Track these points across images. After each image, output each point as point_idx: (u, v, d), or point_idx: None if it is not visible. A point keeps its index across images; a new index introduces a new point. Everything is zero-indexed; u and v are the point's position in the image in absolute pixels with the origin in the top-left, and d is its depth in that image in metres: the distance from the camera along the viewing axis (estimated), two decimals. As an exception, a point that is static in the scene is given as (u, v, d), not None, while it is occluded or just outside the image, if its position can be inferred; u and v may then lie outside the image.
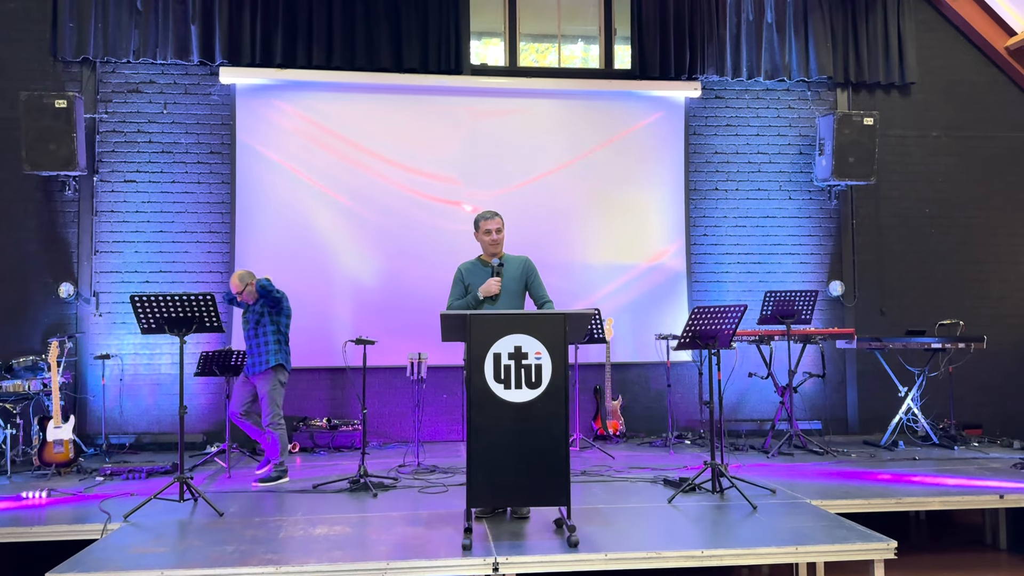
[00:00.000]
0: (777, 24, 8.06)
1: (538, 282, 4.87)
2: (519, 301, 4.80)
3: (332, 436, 7.21)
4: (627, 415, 7.64)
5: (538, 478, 4.04)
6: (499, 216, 4.87)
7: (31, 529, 4.48)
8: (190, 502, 4.96)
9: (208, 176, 7.53)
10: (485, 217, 4.84)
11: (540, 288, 4.86)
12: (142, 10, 7.33)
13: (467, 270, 4.88)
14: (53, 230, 7.33)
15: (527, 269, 4.84)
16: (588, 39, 8.36)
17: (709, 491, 5.12)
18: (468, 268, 4.89)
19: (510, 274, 4.79)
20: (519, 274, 4.81)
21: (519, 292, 4.81)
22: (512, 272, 4.80)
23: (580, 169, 7.87)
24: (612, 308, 7.64)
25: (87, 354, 7.25)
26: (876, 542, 4.06)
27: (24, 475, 5.94)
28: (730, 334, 5.20)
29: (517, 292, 4.79)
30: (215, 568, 3.73)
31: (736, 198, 8.14)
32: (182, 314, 4.96)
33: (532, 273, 4.86)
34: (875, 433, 7.57)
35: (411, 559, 3.85)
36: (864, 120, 7.77)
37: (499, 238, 4.83)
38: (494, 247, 4.83)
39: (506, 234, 4.92)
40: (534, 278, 4.86)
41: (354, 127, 7.63)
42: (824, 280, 8.14)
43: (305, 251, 7.51)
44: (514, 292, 4.77)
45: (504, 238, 4.87)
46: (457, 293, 4.84)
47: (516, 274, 4.80)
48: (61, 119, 6.89)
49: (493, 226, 4.82)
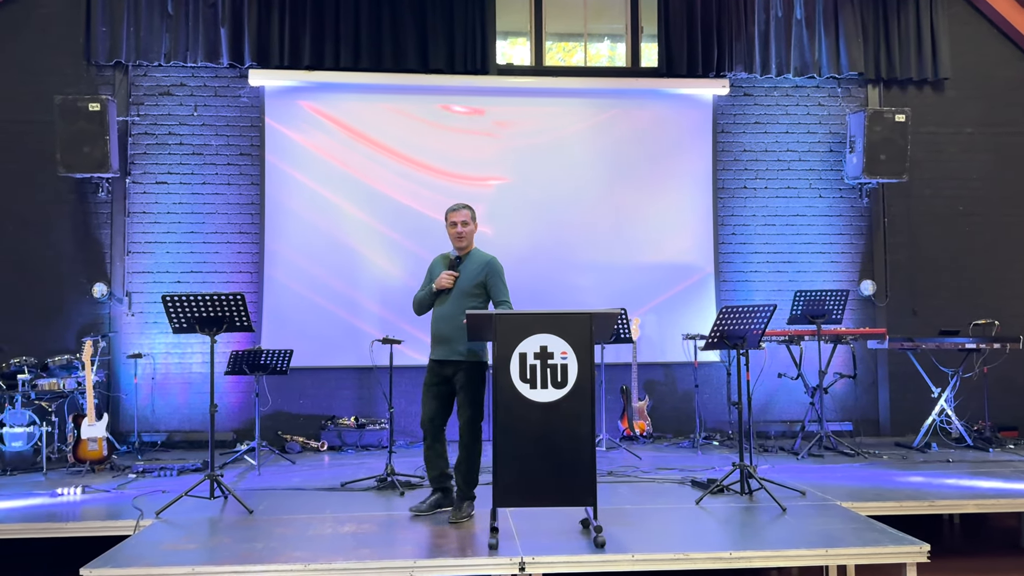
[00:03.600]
0: (807, 20, 7.96)
1: (498, 285, 4.63)
2: (471, 302, 4.55)
3: (360, 435, 7.25)
4: (654, 416, 7.60)
5: (564, 478, 4.03)
6: (467, 208, 4.72)
7: (66, 525, 4.56)
8: (220, 499, 5.02)
9: (238, 177, 7.62)
10: (452, 209, 4.72)
11: (498, 291, 4.62)
12: (173, 14, 7.44)
13: (435, 264, 4.82)
14: (87, 231, 7.46)
15: (489, 269, 4.63)
16: (615, 37, 8.33)
17: (737, 492, 5.08)
18: (436, 262, 4.83)
19: (466, 272, 4.62)
20: (476, 273, 4.61)
21: (472, 292, 4.58)
22: (469, 270, 4.62)
23: (607, 168, 7.84)
24: (639, 307, 7.60)
25: (120, 353, 7.37)
26: (908, 545, 4.00)
27: (59, 472, 6.05)
28: (759, 334, 5.16)
29: (468, 291, 4.58)
30: (245, 565, 3.78)
31: (765, 196, 8.06)
32: (213, 314, 5.01)
33: (493, 275, 4.63)
34: (907, 435, 7.45)
35: (438, 558, 3.86)
36: (896, 117, 7.65)
37: (464, 231, 4.66)
38: (459, 240, 4.68)
39: (529, 233, 4.90)
40: (494, 280, 4.62)
41: (381, 128, 7.67)
42: (855, 279, 8.03)
43: (333, 250, 7.56)
44: (466, 291, 4.58)
45: (472, 233, 4.71)
46: (424, 283, 4.82)
47: (473, 273, 4.61)
48: (95, 122, 7.00)
49: (458, 218, 4.67)
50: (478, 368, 4.60)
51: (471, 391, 4.58)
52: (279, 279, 7.52)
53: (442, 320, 4.61)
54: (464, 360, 4.55)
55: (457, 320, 4.47)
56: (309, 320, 7.47)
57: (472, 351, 4.56)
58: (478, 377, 4.60)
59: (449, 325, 4.55)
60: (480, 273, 4.62)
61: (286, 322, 7.46)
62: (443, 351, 4.60)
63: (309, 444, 7.13)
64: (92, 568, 3.70)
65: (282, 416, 7.47)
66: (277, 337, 7.31)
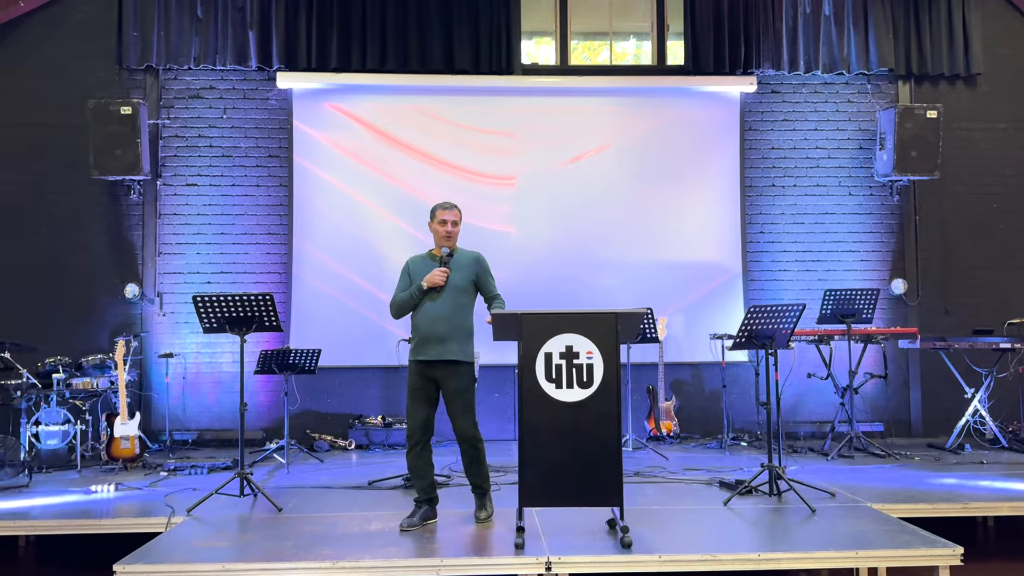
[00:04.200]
0: (835, 16, 7.87)
1: (490, 280, 4.57)
2: (464, 297, 4.47)
3: (386, 434, 7.30)
4: (681, 416, 7.55)
5: (590, 478, 4.02)
6: (458, 209, 4.57)
7: (100, 522, 4.64)
8: (250, 497, 5.08)
9: (266, 179, 7.70)
10: (443, 207, 4.55)
11: (490, 286, 4.56)
12: (202, 17, 7.53)
13: (414, 264, 4.60)
14: (119, 233, 7.58)
15: (479, 267, 4.54)
16: (640, 35, 8.30)
17: (766, 494, 5.03)
18: (416, 262, 4.60)
19: (457, 267, 4.49)
20: (467, 269, 4.50)
21: (465, 288, 4.48)
22: (459, 265, 4.50)
23: (632, 167, 7.81)
24: (665, 307, 7.55)
25: (152, 353, 7.48)
26: (941, 548, 3.93)
27: (93, 469, 6.16)
28: (788, 333, 5.11)
29: (463, 288, 4.47)
30: (274, 562, 3.82)
31: (794, 194, 7.98)
32: (242, 314, 5.07)
33: (485, 271, 4.56)
34: (940, 436, 7.34)
35: (464, 556, 3.88)
36: (927, 113, 7.54)
37: (454, 231, 4.53)
38: (447, 240, 4.52)
39: (554, 232, 4.87)
40: (486, 276, 4.56)
41: (407, 128, 7.71)
42: (886, 278, 7.93)
43: (360, 250, 7.62)
44: (459, 287, 4.45)
45: (458, 234, 4.59)
46: (402, 286, 4.57)
47: (463, 268, 4.49)
48: (126, 125, 7.12)
49: (450, 217, 4.52)
50: (471, 369, 4.49)
51: (468, 393, 4.44)
52: (307, 279, 7.59)
53: (437, 319, 4.39)
54: (461, 361, 4.41)
55: (455, 319, 4.39)
56: (336, 320, 7.53)
57: (467, 351, 4.45)
58: (471, 378, 4.48)
59: (446, 324, 4.39)
60: (472, 270, 4.51)
61: (314, 322, 7.53)
62: (435, 351, 4.38)
63: (337, 443, 7.19)
64: (125, 564, 3.76)
65: (310, 415, 7.54)
66: (305, 337, 7.38)
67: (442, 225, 4.52)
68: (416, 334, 4.47)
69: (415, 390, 4.48)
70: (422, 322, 4.43)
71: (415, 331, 4.48)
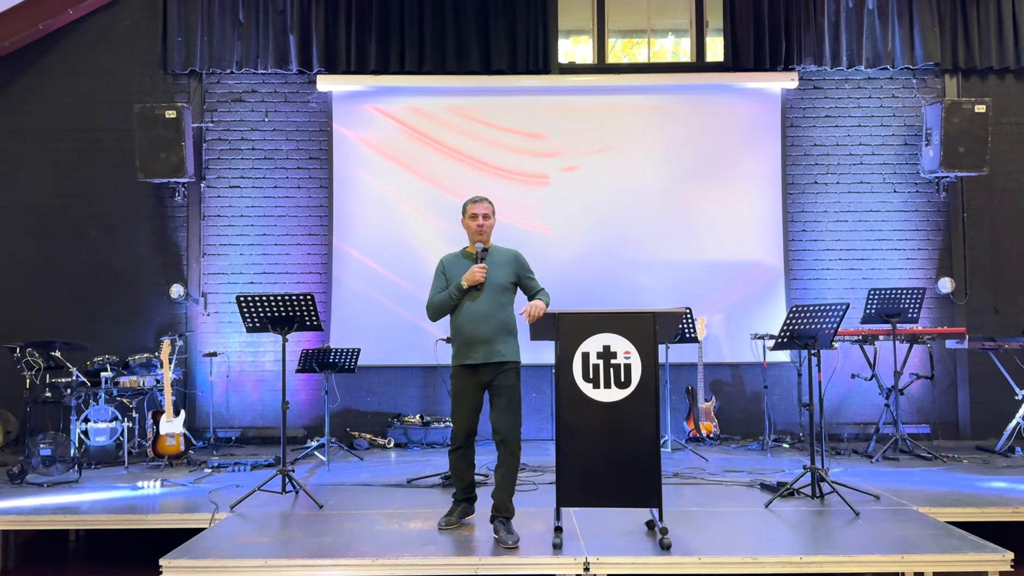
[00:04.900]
0: (879, 10, 7.71)
1: (529, 277, 4.40)
2: (505, 295, 4.31)
3: (425, 432, 7.34)
4: (721, 417, 7.47)
5: (628, 478, 4.00)
6: (488, 202, 4.41)
7: (146, 517, 4.74)
8: (292, 494, 5.15)
9: (307, 181, 7.80)
10: (473, 201, 4.39)
11: (533, 283, 4.40)
12: (244, 22, 7.65)
13: (449, 262, 4.43)
14: (164, 234, 7.74)
15: (519, 265, 4.39)
16: (679, 32, 8.23)
17: (808, 496, 4.96)
18: (450, 260, 4.44)
19: (495, 265, 4.31)
20: (506, 266, 4.34)
21: (505, 287, 4.31)
22: (498, 262, 4.33)
23: (671, 165, 7.75)
24: (705, 307, 7.48)
25: (196, 352, 7.63)
26: (990, 553, 3.84)
27: (140, 465, 6.29)
28: (831, 333, 5.02)
29: (503, 286, 4.30)
30: (315, 559, 3.86)
31: (837, 192, 7.84)
32: (284, 313, 5.15)
33: (525, 269, 4.41)
34: (989, 438, 7.16)
35: (502, 556, 3.88)
36: (975, 107, 7.35)
37: (486, 224, 4.36)
38: (479, 235, 4.36)
39: (591, 231, 4.81)
40: (524, 273, 4.39)
41: (444, 129, 7.75)
42: (932, 277, 7.75)
43: (398, 251, 7.68)
44: (499, 286, 4.29)
45: (492, 227, 4.42)
46: (438, 286, 4.39)
47: (503, 266, 4.33)
48: (171, 129, 7.27)
49: (480, 210, 4.36)
50: (518, 370, 4.32)
51: (515, 396, 4.26)
52: (346, 280, 7.67)
53: (480, 320, 4.22)
54: (508, 361, 4.25)
55: (497, 318, 4.24)
56: (375, 319, 7.59)
57: (514, 350, 4.30)
58: (518, 380, 4.31)
59: (488, 324, 4.23)
60: (511, 269, 4.36)
61: (353, 321, 7.60)
62: (481, 353, 4.22)
63: (376, 441, 7.25)
64: (171, 559, 3.84)
65: (350, 413, 7.62)
66: (345, 336, 7.47)
67: (473, 219, 4.37)
68: (458, 337, 4.31)
69: (460, 396, 4.31)
70: (464, 323, 4.27)
71: (457, 334, 4.32)
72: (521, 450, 4.30)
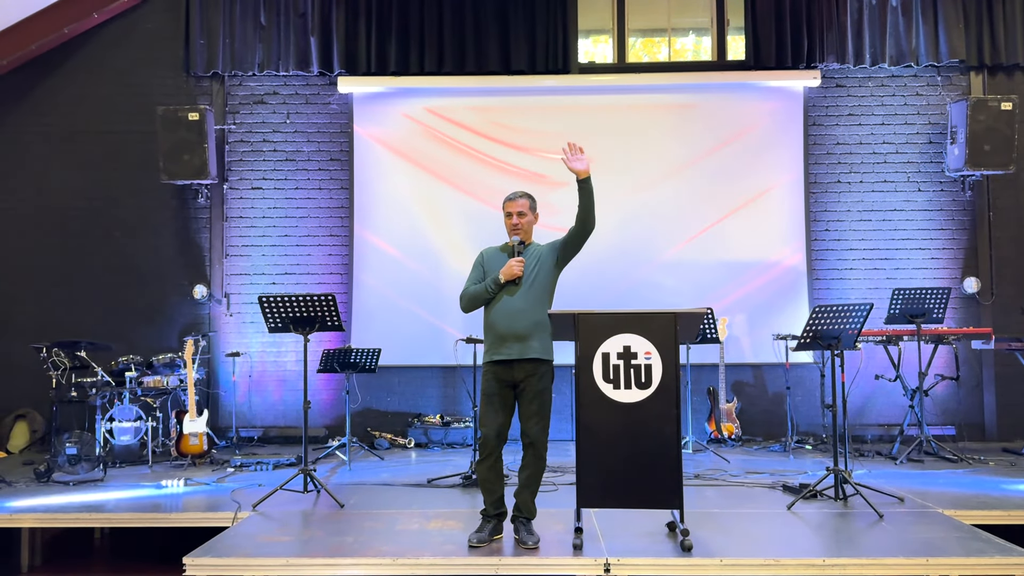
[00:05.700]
0: (903, 7, 7.63)
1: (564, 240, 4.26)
2: (542, 291, 4.18)
3: (445, 432, 7.35)
4: (743, 418, 7.42)
5: (649, 479, 3.98)
6: (524, 198, 4.30)
7: (170, 515, 4.78)
8: (313, 493, 5.18)
9: (328, 182, 7.85)
10: (508, 199, 4.31)
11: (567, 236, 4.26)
12: (265, 25, 7.71)
13: (488, 256, 4.34)
14: (187, 235, 7.82)
15: (553, 249, 4.27)
16: (700, 31, 8.18)
17: (831, 498, 4.91)
18: (490, 253, 4.35)
19: (533, 260, 4.22)
20: (544, 259, 4.23)
21: (543, 282, 4.19)
22: (533, 258, 4.22)
23: (692, 164, 7.71)
24: (726, 307, 7.44)
25: (219, 352, 7.69)
26: (1018, 556, 3.79)
27: (163, 465, 6.36)
28: (854, 334, 4.98)
29: (541, 281, 4.18)
30: (336, 558, 3.89)
31: (860, 191, 7.76)
32: (306, 314, 5.18)
33: (557, 244, 4.27)
34: (1016, 440, 7.06)
35: (522, 556, 3.88)
36: (1001, 105, 7.25)
37: (520, 223, 4.25)
38: (515, 232, 4.26)
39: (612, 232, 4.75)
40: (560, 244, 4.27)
41: (463, 130, 7.76)
42: (958, 276, 7.65)
43: (419, 252, 7.70)
44: (537, 280, 4.17)
45: (531, 224, 4.32)
46: (474, 278, 4.30)
47: (541, 259, 4.22)
48: (194, 131, 7.34)
49: (514, 208, 4.27)
50: (552, 372, 4.19)
51: (547, 400, 4.13)
52: (367, 281, 7.70)
53: (516, 315, 4.09)
54: (542, 359, 4.11)
55: (533, 314, 4.10)
56: (396, 320, 7.62)
57: (548, 348, 4.15)
58: (551, 382, 4.18)
59: (525, 320, 4.09)
60: (551, 258, 4.26)
61: (374, 322, 7.64)
62: (515, 350, 4.08)
63: (397, 441, 7.28)
64: (194, 557, 3.88)
65: (371, 413, 7.65)
66: (366, 336, 7.50)
67: (508, 218, 4.30)
68: (492, 333, 4.16)
69: (490, 395, 4.14)
70: (498, 319, 4.13)
71: (490, 330, 4.18)
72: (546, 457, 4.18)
